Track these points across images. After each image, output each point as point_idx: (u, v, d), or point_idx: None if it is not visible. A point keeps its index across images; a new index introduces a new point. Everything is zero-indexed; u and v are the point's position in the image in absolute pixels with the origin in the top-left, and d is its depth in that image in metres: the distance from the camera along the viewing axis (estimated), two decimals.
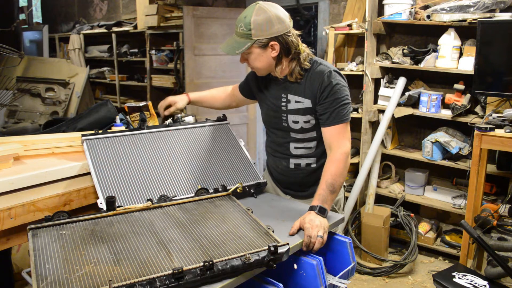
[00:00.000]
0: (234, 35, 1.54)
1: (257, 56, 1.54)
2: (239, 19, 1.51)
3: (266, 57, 1.54)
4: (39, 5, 7.11)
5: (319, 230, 1.31)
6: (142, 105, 2.05)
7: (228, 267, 1.07)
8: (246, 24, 1.47)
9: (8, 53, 3.45)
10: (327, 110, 1.54)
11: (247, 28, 1.47)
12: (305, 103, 1.58)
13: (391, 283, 2.85)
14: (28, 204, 1.43)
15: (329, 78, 1.53)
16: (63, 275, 1.02)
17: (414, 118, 3.11)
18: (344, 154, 1.52)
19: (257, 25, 1.47)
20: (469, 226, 2.01)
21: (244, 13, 1.50)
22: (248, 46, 1.49)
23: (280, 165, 1.74)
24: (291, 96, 1.61)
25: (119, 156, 1.58)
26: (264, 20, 1.47)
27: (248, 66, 1.64)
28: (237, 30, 1.51)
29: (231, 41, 1.55)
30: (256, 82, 1.76)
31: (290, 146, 1.68)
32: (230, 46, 1.54)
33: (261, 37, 1.48)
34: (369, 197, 3.18)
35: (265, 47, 1.51)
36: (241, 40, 1.51)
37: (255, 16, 1.47)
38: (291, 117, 1.62)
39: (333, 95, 1.53)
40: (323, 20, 3.70)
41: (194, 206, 1.42)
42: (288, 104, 1.62)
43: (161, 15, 4.43)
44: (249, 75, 1.83)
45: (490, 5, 2.58)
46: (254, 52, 1.53)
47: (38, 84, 4.84)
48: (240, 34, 1.50)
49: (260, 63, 1.56)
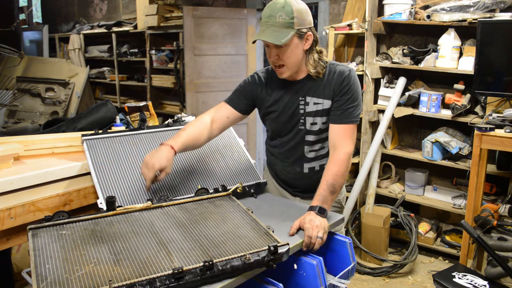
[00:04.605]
0: (270, 26, 1.44)
1: (294, 48, 1.47)
2: (273, 9, 1.43)
3: (300, 49, 1.49)
4: (39, 5, 7.11)
5: (319, 231, 1.31)
6: (142, 105, 2.05)
7: (228, 267, 1.07)
8: (288, 12, 1.41)
9: (8, 53, 3.45)
10: (340, 108, 1.53)
11: (290, 16, 1.41)
12: (324, 104, 1.56)
13: (391, 283, 2.85)
14: (28, 204, 1.43)
15: (350, 77, 1.54)
16: (63, 275, 1.02)
17: (414, 118, 3.11)
18: (347, 155, 1.51)
19: (300, 14, 1.43)
20: (469, 226, 2.01)
21: (275, 4, 1.44)
22: (292, 35, 1.42)
23: (293, 171, 1.69)
24: (310, 98, 1.57)
25: (119, 156, 1.58)
26: (304, 9, 1.45)
27: (271, 61, 1.52)
28: (276, 20, 1.42)
29: (269, 32, 1.44)
30: (260, 92, 1.65)
31: (304, 150, 1.64)
32: (272, 36, 1.43)
33: (302, 26, 1.45)
34: (369, 197, 3.18)
35: (302, 38, 1.47)
36: (282, 29, 1.42)
37: (296, 4, 1.43)
38: (310, 119, 1.58)
39: (350, 93, 1.53)
40: (323, 20, 3.70)
41: (194, 206, 1.42)
42: (306, 106, 1.58)
43: (161, 15, 4.44)
44: (245, 88, 1.67)
45: (490, 5, 2.58)
46: (293, 43, 1.46)
47: (38, 84, 4.84)
48: (280, 23, 1.42)
49: (295, 57, 1.49)
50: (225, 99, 1.67)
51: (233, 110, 1.65)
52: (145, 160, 1.41)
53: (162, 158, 1.40)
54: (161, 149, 1.43)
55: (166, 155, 1.41)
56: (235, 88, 1.70)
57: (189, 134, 1.52)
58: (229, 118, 1.64)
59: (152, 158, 1.40)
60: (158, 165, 1.38)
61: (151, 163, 1.38)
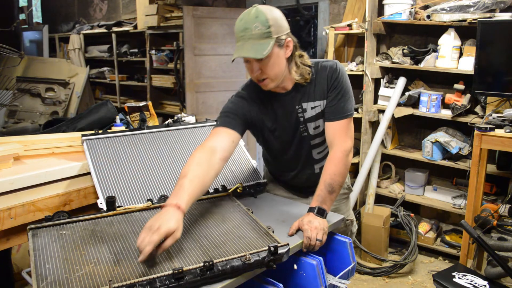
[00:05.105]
0: (247, 40, 1.35)
1: (276, 58, 1.39)
2: (246, 21, 1.35)
3: (282, 58, 1.41)
4: (39, 5, 7.11)
5: (318, 232, 1.31)
6: (142, 105, 2.05)
7: (228, 267, 1.07)
8: (263, 22, 1.33)
9: (8, 53, 3.45)
10: (332, 103, 1.50)
11: (266, 26, 1.33)
12: (321, 105, 1.52)
13: (391, 283, 2.84)
14: (28, 204, 1.43)
15: (337, 70, 1.50)
16: (63, 275, 1.02)
17: (414, 118, 3.11)
18: (345, 152, 1.48)
19: (276, 21, 1.35)
20: (469, 226, 2.01)
21: (248, 16, 1.35)
22: (272, 44, 1.34)
23: (305, 175, 1.65)
24: (306, 104, 1.52)
25: (119, 156, 1.58)
26: (279, 16, 1.38)
27: (254, 77, 1.42)
28: (252, 32, 1.33)
29: (248, 46, 1.34)
30: (258, 113, 1.53)
31: (312, 153, 1.61)
32: (252, 49, 1.34)
33: (281, 33, 1.37)
34: (369, 197, 3.18)
35: (282, 46, 1.40)
36: (261, 41, 1.34)
37: (269, 12, 1.36)
38: (311, 124, 1.54)
39: (340, 87, 1.49)
40: (323, 20, 3.70)
41: (194, 206, 1.42)
42: (305, 113, 1.53)
43: (161, 15, 4.44)
44: (238, 111, 1.49)
45: (490, 5, 2.58)
46: (274, 53, 1.37)
47: (38, 84, 4.84)
48: (257, 35, 1.33)
49: (278, 67, 1.41)
50: (219, 124, 1.46)
51: (235, 133, 1.45)
52: (147, 225, 1.10)
53: (169, 220, 1.10)
54: (165, 211, 1.14)
55: (173, 216, 1.12)
56: (225, 106, 1.53)
57: (193, 182, 1.24)
58: (234, 142, 1.44)
59: (156, 221, 1.10)
60: (165, 227, 1.08)
61: (156, 226, 1.08)
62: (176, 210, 1.14)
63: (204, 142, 1.41)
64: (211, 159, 1.33)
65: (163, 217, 1.11)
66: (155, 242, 1.05)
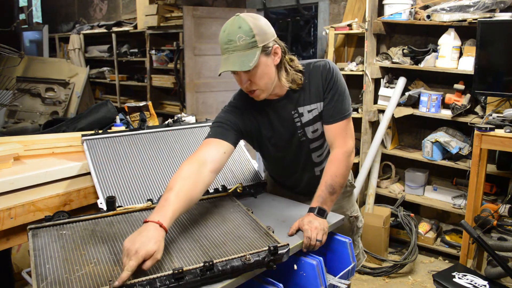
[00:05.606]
0: (232, 52, 1.29)
1: (264, 67, 1.33)
2: (230, 33, 1.29)
3: (271, 66, 1.36)
4: (39, 5, 7.11)
5: (318, 233, 1.31)
6: (142, 105, 2.05)
7: (228, 267, 1.07)
8: (246, 32, 1.27)
9: (8, 53, 3.46)
10: (329, 105, 1.47)
11: (250, 35, 1.28)
12: (318, 107, 1.49)
13: (391, 283, 2.85)
14: (28, 204, 1.44)
15: (331, 69, 1.46)
16: (63, 275, 1.02)
17: (414, 118, 3.11)
18: (346, 154, 1.48)
19: (260, 29, 1.30)
20: (469, 226, 2.01)
21: (231, 26, 1.30)
22: (259, 54, 1.29)
23: (305, 178, 1.64)
24: (302, 108, 1.48)
25: (119, 156, 1.58)
26: (263, 23, 1.33)
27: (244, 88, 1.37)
28: (236, 44, 1.28)
29: (234, 58, 1.29)
30: (254, 122, 1.50)
31: (312, 157, 1.59)
32: (238, 62, 1.28)
33: (266, 41, 1.31)
34: (369, 197, 3.18)
35: (269, 54, 1.34)
36: (246, 52, 1.28)
37: (252, 20, 1.30)
38: (309, 128, 1.51)
39: (336, 87, 1.46)
40: (323, 20, 3.70)
41: (194, 206, 1.41)
42: (301, 117, 1.49)
43: (161, 15, 4.44)
44: (232, 121, 1.45)
45: (490, 5, 2.58)
46: (262, 63, 1.32)
47: (38, 84, 4.84)
48: (242, 46, 1.28)
49: (268, 77, 1.36)
50: (211, 135, 1.42)
51: (228, 144, 1.40)
52: (124, 245, 1.03)
53: (149, 241, 1.03)
54: (145, 229, 1.07)
55: (153, 236, 1.05)
56: (218, 116, 1.49)
57: (179, 196, 1.17)
58: (226, 153, 1.39)
59: (133, 243, 1.02)
60: (143, 251, 1.00)
61: (133, 250, 1.00)
62: (157, 229, 1.08)
63: (194, 153, 1.37)
64: (200, 171, 1.28)
65: (143, 238, 1.03)
66: (133, 268, 0.98)
